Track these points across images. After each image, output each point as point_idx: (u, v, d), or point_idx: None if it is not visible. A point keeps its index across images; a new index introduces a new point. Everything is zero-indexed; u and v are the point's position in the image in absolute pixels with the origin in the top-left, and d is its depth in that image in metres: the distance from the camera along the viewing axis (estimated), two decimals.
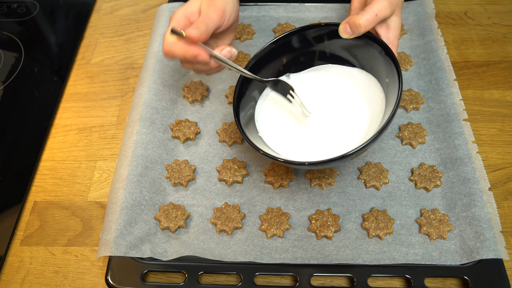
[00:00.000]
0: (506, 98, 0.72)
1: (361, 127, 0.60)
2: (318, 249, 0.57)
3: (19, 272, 0.58)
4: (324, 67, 0.66)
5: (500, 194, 0.62)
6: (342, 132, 0.60)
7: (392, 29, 0.59)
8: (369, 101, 0.61)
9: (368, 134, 0.58)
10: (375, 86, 0.61)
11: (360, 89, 0.63)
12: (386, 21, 0.59)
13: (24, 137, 0.71)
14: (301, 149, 0.60)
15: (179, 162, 0.65)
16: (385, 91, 0.59)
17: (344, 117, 0.61)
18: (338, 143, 0.59)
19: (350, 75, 0.64)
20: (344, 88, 0.64)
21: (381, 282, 0.56)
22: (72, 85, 0.77)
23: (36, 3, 0.89)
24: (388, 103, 0.57)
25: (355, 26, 0.57)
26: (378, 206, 0.60)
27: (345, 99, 0.63)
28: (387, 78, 0.58)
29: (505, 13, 0.83)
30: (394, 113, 0.52)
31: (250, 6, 0.83)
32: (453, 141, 0.64)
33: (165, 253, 0.57)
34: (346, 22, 0.58)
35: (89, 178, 0.66)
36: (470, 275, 0.54)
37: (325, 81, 0.65)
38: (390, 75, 0.57)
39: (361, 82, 0.62)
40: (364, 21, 0.56)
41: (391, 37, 0.59)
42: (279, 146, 0.60)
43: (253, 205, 0.61)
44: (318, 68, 0.66)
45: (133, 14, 0.87)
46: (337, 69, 0.65)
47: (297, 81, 0.66)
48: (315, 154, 0.59)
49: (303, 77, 0.66)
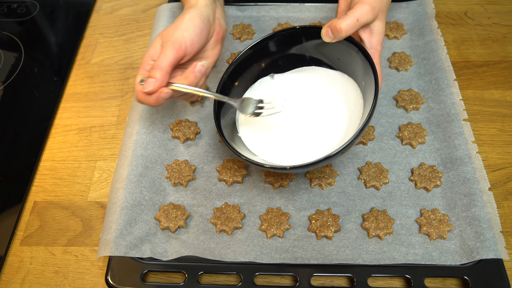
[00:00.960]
0: (506, 98, 0.72)
1: (339, 131, 0.60)
2: (318, 249, 0.57)
3: (19, 272, 0.58)
4: (308, 69, 0.66)
5: (500, 194, 0.62)
6: (320, 135, 0.60)
7: (375, 34, 0.59)
8: (349, 105, 0.61)
9: (346, 137, 0.58)
10: (355, 90, 0.61)
11: (340, 92, 0.63)
12: (369, 26, 0.59)
13: (24, 137, 0.71)
14: (282, 153, 0.60)
15: (179, 162, 0.65)
16: (363, 95, 0.59)
17: (323, 120, 0.62)
18: (316, 147, 0.60)
19: (332, 78, 0.64)
20: (325, 91, 0.64)
21: (381, 282, 0.56)
22: (72, 85, 0.77)
23: (36, 3, 0.89)
24: (365, 106, 0.57)
25: (336, 30, 0.57)
26: (378, 206, 0.60)
27: (325, 101, 0.63)
28: (364, 81, 0.58)
29: (505, 13, 0.83)
30: (370, 117, 0.52)
31: (250, 6, 0.83)
32: (453, 141, 0.64)
33: (165, 253, 0.57)
34: (328, 26, 0.58)
35: (89, 178, 0.66)
36: (470, 275, 0.54)
37: (307, 82, 0.66)
38: (367, 78, 0.57)
39: (342, 86, 0.63)
40: (345, 26, 0.56)
41: (374, 42, 0.59)
42: (261, 150, 0.60)
43: (253, 205, 0.61)
44: (302, 69, 0.67)
45: (133, 14, 0.87)
46: (320, 72, 0.65)
47: (281, 81, 0.67)
48: (295, 157, 0.59)
49: (287, 77, 0.67)
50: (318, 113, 0.63)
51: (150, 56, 0.59)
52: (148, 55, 0.59)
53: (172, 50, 0.57)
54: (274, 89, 0.66)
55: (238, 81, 0.64)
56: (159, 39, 0.60)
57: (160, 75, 0.56)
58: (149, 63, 0.59)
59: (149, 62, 0.59)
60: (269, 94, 0.65)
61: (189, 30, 0.59)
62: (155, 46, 0.60)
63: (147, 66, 0.59)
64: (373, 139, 0.66)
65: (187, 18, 0.60)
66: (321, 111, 0.63)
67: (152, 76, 0.56)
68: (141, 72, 0.59)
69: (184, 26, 0.59)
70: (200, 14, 0.61)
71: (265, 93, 0.65)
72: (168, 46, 0.58)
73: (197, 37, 0.60)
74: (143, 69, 0.59)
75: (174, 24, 0.60)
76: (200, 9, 0.62)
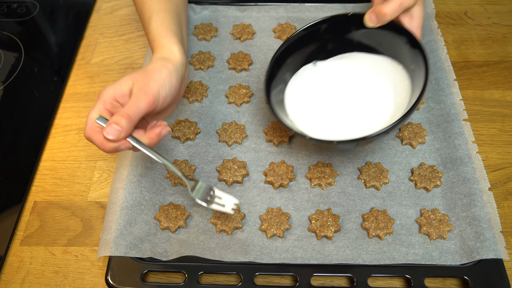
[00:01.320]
0: (506, 98, 0.72)
1: (386, 111, 0.62)
2: (318, 249, 0.57)
3: (19, 272, 0.58)
4: (349, 55, 0.68)
5: (500, 194, 0.62)
6: (368, 115, 0.63)
7: (415, 18, 0.62)
8: (394, 87, 0.64)
9: (394, 117, 0.60)
10: (399, 72, 0.63)
11: (385, 76, 0.65)
12: (409, 11, 0.62)
13: (24, 137, 0.71)
14: (328, 130, 0.62)
15: (179, 162, 0.65)
16: (410, 77, 0.61)
17: (370, 101, 0.64)
18: (364, 125, 0.62)
19: (375, 62, 0.66)
20: (369, 75, 0.66)
21: (381, 282, 0.56)
22: (72, 85, 0.77)
23: (36, 3, 0.89)
24: (414, 87, 0.60)
25: (380, 14, 0.60)
26: (378, 206, 0.60)
27: (371, 85, 0.66)
28: (412, 65, 0.61)
29: (505, 13, 0.83)
30: (423, 91, 0.56)
31: (250, 6, 0.83)
32: (453, 141, 0.64)
33: (165, 253, 0.57)
34: (372, 11, 0.61)
35: (89, 178, 0.66)
36: (470, 275, 0.54)
37: (351, 68, 0.68)
38: (415, 61, 0.60)
39: (385, 69, 0.65)
40: (389, 10, 0.59)
41: (414, 26, 0.62)
42: (306, 126, 0.62)
43: (253, 205, 0.61)
44: (344, 56, 0.68)
45: (133, 14, 0.87)
46: (362, 57, 0.67)
47: (324, 68, 0.68)
48: (343, 136, 0.61)
49: (330, 64, 0.68)
50: (364, 94, 0.65)
51: (115, 94, 0.52)
52: (112, 91, 0.52)
53: (145, 103, 0.52)
54: (318, 75, 0.68)
55: (282, 68, 0.66)
56: (130, 82, 0.53)
57: (128, 126, 0.50)
58: (110, 101, 0.52)
59: (111, 101, 0.52)
60: (313, 82, 0.67)
61: (166, 88, 0.54)
62: (123, 87, 0.53)
63: (108, 103, 0.52)
64: None
65: (165, 73, 0.54)
66: (366, 93, 0.65)
67: (118, 123, 0.50)
68: (99, 107, 0.52)
69: (162, 81, 0.54)
70: (177, 73, 0.56)
71: (310, 80, 0.67)
72: (141, 97, 0.52)
73: (170, 97, 0.55)
74: (102, 105, 0.52)
75: (149, 73, 0.54)
76: (177, 67, 0.56)
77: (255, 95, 0.72)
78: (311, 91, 0.66)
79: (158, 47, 0.58)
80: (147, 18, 0.61)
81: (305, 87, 0.67)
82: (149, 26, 0.61)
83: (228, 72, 0.75)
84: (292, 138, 0.67)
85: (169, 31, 0.60)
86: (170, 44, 0.58)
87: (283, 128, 0.67)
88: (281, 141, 0.66)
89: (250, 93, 0.72)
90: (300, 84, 0.67)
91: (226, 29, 0.81)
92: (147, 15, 0.61)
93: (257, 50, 0.78)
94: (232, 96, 0.72)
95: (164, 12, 0.62)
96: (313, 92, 0.66)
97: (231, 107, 0.71)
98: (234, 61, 0.76)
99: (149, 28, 0.61)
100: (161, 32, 0.59)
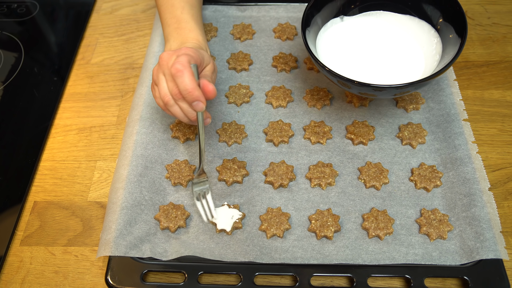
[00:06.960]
0: (506, 98, 0.72)
1: (418, 65, 0.65)
2: (318, 249, 0.57)
3: (19, 272, 0.58)
4: (376, 13, 0.71)
5: (500, 194, 0.62)
6: (401, 69, 0.65)
7: None
8: (422, 45, 0.67)
9: (426, 72, 0.63)
10: (427, 31, 0.67)
11: (411, 33, 0.68)
12: None
13: (24, 137, 0.71)
14: (362, 78, 0.62)
15: (179, 162, 0.65)
16: (440, 35, 0.65)
17: (401, 56, 0.67)
18: (397, 79, 0.64)
19: (402, 21, 0.69)
20: (398, 32, 0.69)
21: (381, 282, 0.56)
22: (72, 85, 0.77)
23: (36, 3, 0.89)
24: (445, 44, 0.63)
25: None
26: (378, 206, 0.60)
27: (400, 41, 0.68)
28: (440, 19, 0.65)
29: (505, 13, 0.83)
30: (462, 46, 0.59)
31: (250, 6, 0.83)
32: (453, 141, 0.64)
33: (165, 253, 0.57)
34: None
35: (89, 178, 0.66)
36: (470, 275, 0.54)
37: (378, 25, 0.71)
38: (444, 14, 0.64)
39: (412, 28, 0.68)
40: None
41: None
42: (338, 71, 0.62)
43: (253, 205, 0.61)
44: (370, 13, 0.71)
45: (133, 14, 0.87)
46: (389, 16, 0.70)
47: (350, 24, 0.71)
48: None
49: (356, 20, 0.71)
50: (394, 49, 0.68)
51: (197, 61, 0.58)
52: (193, 59, 0.57)
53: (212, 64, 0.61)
54: (346, 29, 0.70)
55: (315, 17, 0.67)
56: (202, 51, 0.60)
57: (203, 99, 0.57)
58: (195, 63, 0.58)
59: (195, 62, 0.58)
60: (343, 35, 0.70)
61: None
62: (200, 53, 0.59)
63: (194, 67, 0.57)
64: (373, 139, 0.66)
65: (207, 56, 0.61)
66: (396, 48, 0.68)
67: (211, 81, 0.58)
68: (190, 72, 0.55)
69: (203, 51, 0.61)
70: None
71: (339, 33, 0.70)
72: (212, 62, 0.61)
73: None
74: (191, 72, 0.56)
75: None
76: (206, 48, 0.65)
77: (255, 95, 0.72)
78: (341, 44, 0.69)
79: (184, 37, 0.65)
80: (180, 7, 0.67)
81: (334, 39, 0.69)
82: (182, 14, 0.66)
83: (228, 72, 0.75)
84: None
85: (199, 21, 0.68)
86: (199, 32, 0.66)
87: (283, 128, 0.67)
88: (281, 141, 0.66)
89: (250, 93, 0.72)
90: (329, 36, 0.69)
91: (226, 29, 0.81)
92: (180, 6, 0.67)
93: (257, 50, 0.78)
94: (232, 96, 0.72)
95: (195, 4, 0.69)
96: (343, 45, 0.69)
97: (231, 107, 0.71)
98: (234, 61, 0.76)
99: (182, 16, 0.66)
100: (191, 22, 0.66)
